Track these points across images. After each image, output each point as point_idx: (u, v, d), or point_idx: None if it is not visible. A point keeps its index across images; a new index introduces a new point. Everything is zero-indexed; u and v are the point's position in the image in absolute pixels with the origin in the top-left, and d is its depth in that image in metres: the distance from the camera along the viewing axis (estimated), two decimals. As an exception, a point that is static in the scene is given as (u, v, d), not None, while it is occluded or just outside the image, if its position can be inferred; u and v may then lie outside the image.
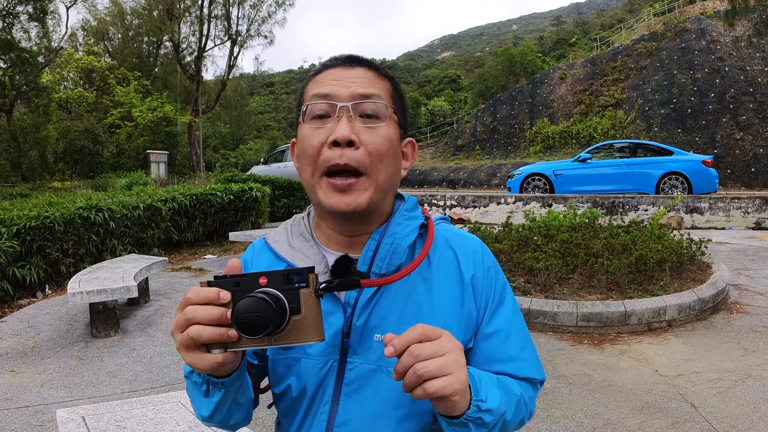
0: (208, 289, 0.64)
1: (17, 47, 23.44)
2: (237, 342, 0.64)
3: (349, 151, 0.76)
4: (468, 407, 0.69)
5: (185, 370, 0.76)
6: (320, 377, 0.80)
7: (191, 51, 30.41)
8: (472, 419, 0.69)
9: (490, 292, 0.84)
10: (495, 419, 0.72)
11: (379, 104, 0.79)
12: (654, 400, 3.16)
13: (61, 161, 27.25)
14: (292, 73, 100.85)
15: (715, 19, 22.43)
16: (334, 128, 0.76)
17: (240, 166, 36.99)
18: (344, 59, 0.83)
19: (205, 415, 0.77)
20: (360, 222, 0.82)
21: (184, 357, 0.66)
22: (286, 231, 0.90)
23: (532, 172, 12.66)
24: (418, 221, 0.85)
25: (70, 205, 6.47)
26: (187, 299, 0.64)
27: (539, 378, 0.87)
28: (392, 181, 0.82)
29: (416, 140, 21.72)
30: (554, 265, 4.90)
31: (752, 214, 10.31)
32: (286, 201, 12.24)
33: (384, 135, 0.79)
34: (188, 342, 0.64)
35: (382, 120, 0.79)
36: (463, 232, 0.91)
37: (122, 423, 2.14)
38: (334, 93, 0.78)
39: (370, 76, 0.82)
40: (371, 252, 0.81)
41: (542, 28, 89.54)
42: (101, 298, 4.28)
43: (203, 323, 0.63)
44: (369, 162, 0.77)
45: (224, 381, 0.71)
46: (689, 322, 4.51)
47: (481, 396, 0.70)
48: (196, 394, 0.75)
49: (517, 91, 27.48)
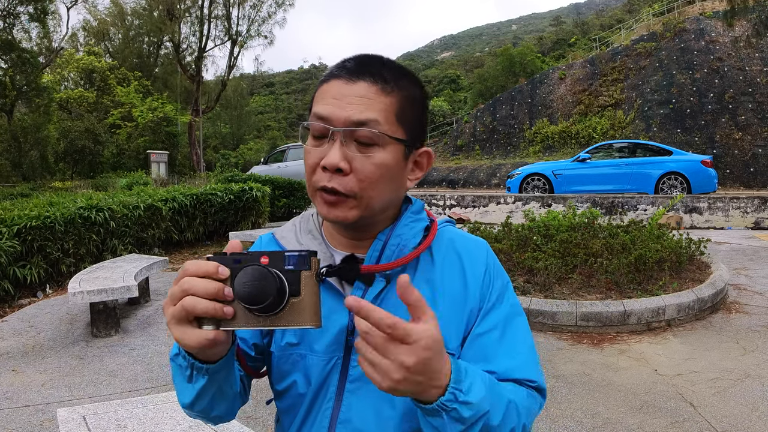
0: (207, 262, 0.63)
1: (18, 47, 23.44)
2: (231, 320, 0.62)
3: (338, 177, 0.75)
4: (443, 394, 0.63)
5: (171, 352, 0.73)
6: (324, 374, 0.80)
7: (191, 51, 30.44)
8: (447, 409, 0.63)
9: (487, 293, 0.84)
10: (474, 416, 0.65)
11: (374, 133, 0.75)
12: (653, 399, 3.17)
13: (62, 161, 27.25)
14: (292, 73, 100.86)
15: (714, 19, 22.43)
16: (326, 151, 0.75)
17: (240, 166, 36.99)
18: (350, 69, 0.79)
19: (186, 402, 0.74)
20: (362, 229, 0.83)
21: (173, 331, 0.63)
22: (294, 227, 0.91)
23: (531, 172, 12.66)
24: (423, 223, 0.86)
25: (71, 205, 6.48)
26: (185, 270, 0.63)
27: (536, 381, 0.80)
28: (389, 201, 0.81)
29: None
30: (553, 264, 4.91)
31: (751, 214, 10.32)
32: (286, 201, 12.25)
33: (378, 162, 0.76)
34: (181, 314, 0.62)
35: (378, 146, 0.76)
36: (468, 234, 0.91)
37: (123, 422, 2.15)
38: (330, 115, 0.76)
39: (372, 93, 0.76)
40: (377, 252, 0.82)
41: (542, 29, 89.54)
42: (102, 297, 4.28)
43: (199, 295, 0.61)
44: (359, 188, 0.76)
45: (209, 367, 0.69)
46: (688, 321, 4.52)
47: (462, 386, 0.64)
48: (179, 378, 0.73)
49: (516, 92, 27.48)
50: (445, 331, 0.79)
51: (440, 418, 0.64)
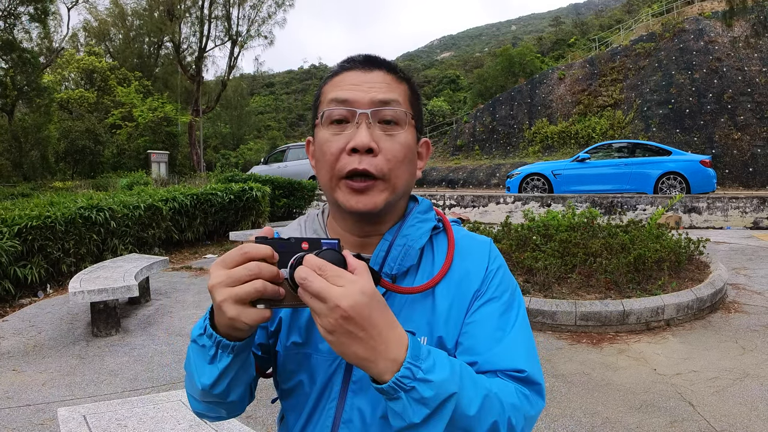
0: (264, 246, 0.65)
1: (19, 48, 23.46)
2: (280, 300, 0.66)
3: (368, 157, 0.76)
4: (398, 370, 0.61)
5: (193, 333, 0.74)
6: (328, 374, 0.80)
7: (192, 51, 30.45)
8: (404, 387, 0.60)
9: (484, 288, 0.82)
10: (437, 396, 0.61)
11: (399, 111, 0.79)
12: (652, 398, 3.18)
13: (62, 161, 27.27)
14: (292, 74, 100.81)
15: (713, 19, 22.44)
16: (353, 135, 0.76)
17: (240, 166, 37.02)
18: (362, 61, 0.82)
19: (207, 383, 0.73)
20: (374, 223, 0.83)
21: (229, 311, 0.64)
22: (299, 227, 0.91)
23: (531, 171, 12.67)
24: (430, 224, 0.86)
25: (72, 205, 6.49)
26: (246, 253, 0.64)
27: (524, 371, 0.74)
28: (409, 185, 0.83)
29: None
30: (553, 264, 4.92)
31: (750, 214, 10.33)
32: (286, 201, 12.27)
33: (403, 141, 0.79)
34: (249, 295, 0.63)
35: (401, 126, 0.79)
36: (473, 234, 0.90)
37: (123, 422, 2.15)
38: (353, 98, 0.77)
39: (388, 80, 0.81)
40: (383, 252, 0.82)
41: (541, 29, 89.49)
42: (102, 297, 4.29)
43: (265, 279, 0.63)
44: (387, 169, 0.77)
45: (235, 345, 0.70)
46: (687, 321, 4.53)
47: (422, 364, 0.61)
48: (200, 360, 0.73)
49: (516, 92, 27.50)
50: (446, 329, 0.79)
51: (400, 399, 0.61)
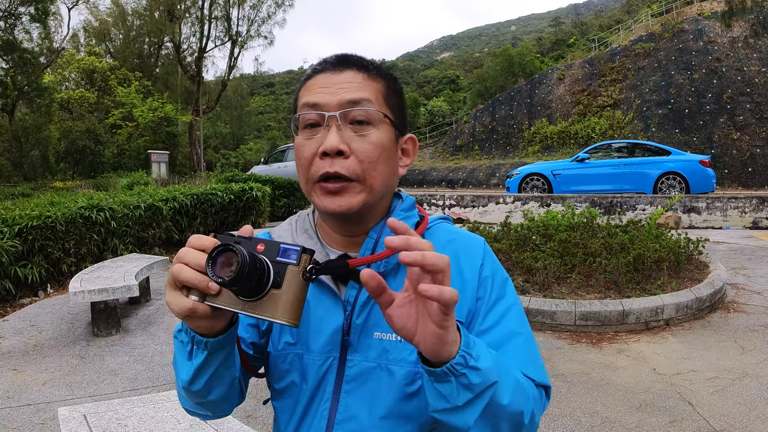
0: (207, 237, 0.65)
1: (19, 48, 23.46)
2: (215, 297, 0.64)
3: (340, 160, 0.76)
4: (454, 357, 0.62)
5: (175, 330, 0.74)
6: (321, 374, 0.80)
7: (192, 52, 30.52)
8: (456, 373, 0.62)
9: (486, 291, 0.82)
10: (483, 383, 0.63)
11: (369, 110, 0.78)
12: (652, 398, 3.18)
13: (63, 161, 27.29)
14: (292, 74, 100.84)
15: (712, 20, 22.46)
16: (323, 138, 0.76)
17: (240, 166, 37.02)
18: (333, 62, 0.82)
19: (185, 379, 0.74)
20: (358, 223, 0.83)
21: (166, 296, 0.66)
22: (290, 227, 0.91)
23: (530, 171, 12.68)
24: (414, 220, 0.86)
25: (72, 205, 6.49)
26: (188, 242, 0.65)
27: (536, 380, 0.77)
28: (387, 184, 0.82)
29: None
30: (553, 264, 4.92)
31: (749, 214, 10.34)
32: (286, 201, 12.28)
33: (375, 141, 0.78)
34: (171, 279, 0.64)
35: (373, 125, 0.78)
36: (465, 231, 0.90)
37: (123, 421, 2.16)
38: (323, 102, 0.77)
39: (359, 79, 0.80)
40: (369, 250, 0.82)
41: (540, 29, 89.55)
42: (102, 297, 4.30)
43: (189, 265, 0.63)
44: (361, 170, 0.77)
45: (208, 341, 0.69)
46: (687, 321, 4.53)
47: (472, 351, 0.63)
48: (181, 356, 0.74)
49: (515, 92, 27.51)
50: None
51: (449, 383, 0.62)
